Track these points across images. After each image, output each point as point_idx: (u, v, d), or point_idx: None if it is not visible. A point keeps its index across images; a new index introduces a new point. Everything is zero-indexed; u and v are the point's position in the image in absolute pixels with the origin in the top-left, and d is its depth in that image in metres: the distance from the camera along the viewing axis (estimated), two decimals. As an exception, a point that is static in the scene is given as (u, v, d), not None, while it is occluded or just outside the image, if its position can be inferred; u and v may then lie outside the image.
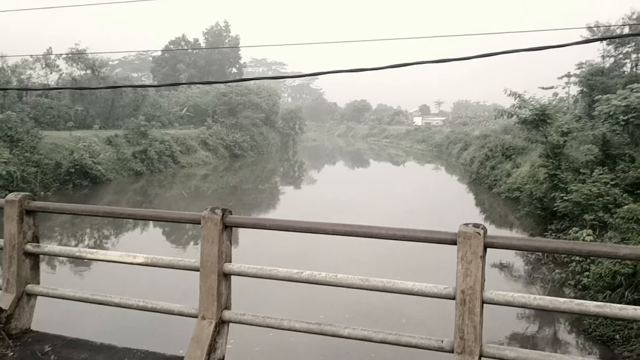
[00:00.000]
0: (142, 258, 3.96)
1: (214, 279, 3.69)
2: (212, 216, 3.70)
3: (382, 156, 77.29)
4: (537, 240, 3.25)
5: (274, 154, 70.50)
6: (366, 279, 3.44)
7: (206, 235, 3.71)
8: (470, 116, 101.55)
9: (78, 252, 4.27)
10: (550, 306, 3.07)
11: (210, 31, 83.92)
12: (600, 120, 23.09)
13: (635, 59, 34.42)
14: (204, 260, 3.71)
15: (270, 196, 39.37)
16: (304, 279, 3.58)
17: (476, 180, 37.66)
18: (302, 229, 3.63)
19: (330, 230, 3.56)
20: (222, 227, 3.69)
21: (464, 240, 3.17)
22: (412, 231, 3.36)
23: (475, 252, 3.15)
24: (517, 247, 3.20)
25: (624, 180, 17.85)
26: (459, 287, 3.20)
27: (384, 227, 3.42)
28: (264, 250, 16.82)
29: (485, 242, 3.15)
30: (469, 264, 3.16)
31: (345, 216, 26.04)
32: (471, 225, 3.19)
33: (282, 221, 3.76)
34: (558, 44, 7.04)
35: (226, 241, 3.75)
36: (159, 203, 33.47)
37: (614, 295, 11.71)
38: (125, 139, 43.10)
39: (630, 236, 12.96)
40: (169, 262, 3.94)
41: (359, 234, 3.45)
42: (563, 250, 2.99)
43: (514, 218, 25.81)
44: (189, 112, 64.74)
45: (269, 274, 3.67)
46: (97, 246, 22.11)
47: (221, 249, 3.70)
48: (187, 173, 46.28)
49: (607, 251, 2.99)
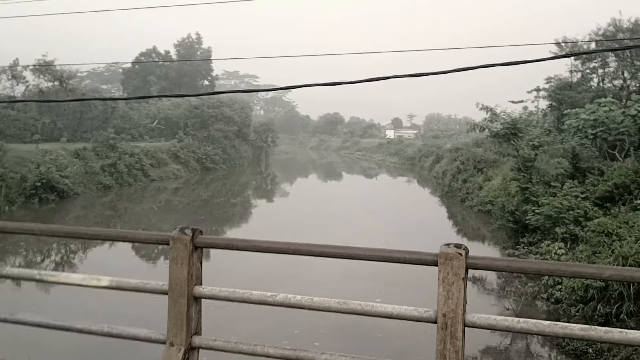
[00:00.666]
0: (106, 281, 3.74)
1: (183, 303, 3.49)
2: (182, 237, 3.51)
3: (355, 169, 77.50)
4: (520, 261, 3.14)
5: (246, 167, 70.09)
6: (344, 301, 3.29)
7: (175, 257, 3.51)
8: (442, 129, 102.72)
9: (38, 275, 4.03)
10: (535, 329, 2.96)
11: (181, 43, 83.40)
12: (569, 134, 23.49)
13: (602, 73, 35.19)
14: (173, 283, 3.52)
15: (243, 210, 39.04)
16: (278, 303, 3.41)
17: (448, 193, 37.90)
18: (276, 249, 3.47)
19: (305, 252, 3.40)
20: (192, 248, 3.51)
21: (445, 262, 3.05)
22: (391, 252, 3.23)
23: (457, 273, 3.03)
24: (499, 268, 3.08)
25: (594, 194, 18.10)
26: (440, 311, 3.07)
27: (361, 248, 3.28)
28: (237, 267, 16.56)
29: (467, 263, 3.04)
30: (451, 286, 3.03)
31: (317, 230, 25.89)
32: (452, 246, 3.07)
33: (255, 242, 3.59)
34: (532, 59, 7.04)
35: (196, 263, 3.57)
36: (128, 218, 32.88)
37: (586, 309, 11.76)
38: (94, 152, 42.33)
39: (601, 249, 13.08)
40: (135, 285, 3.73)
41: (335, 255, 3.31)
42: (547, 272, 2.89)
43: (487, 231, 25.97)
44: (160, 125, 63.99)
45: (242, 297, 3.49)
46: (65, 262, 21.52)
47: (191, 271, 3.51)
48: (158, 187, 45.64)
49: (592, 272, 2.90)
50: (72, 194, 35.82)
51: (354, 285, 15.91)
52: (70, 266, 20.87)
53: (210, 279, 3.81)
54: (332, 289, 15.46)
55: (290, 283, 15.25)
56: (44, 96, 47.82)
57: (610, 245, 12.73)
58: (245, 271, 16.21)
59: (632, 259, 11.31)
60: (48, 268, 19.82)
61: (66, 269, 19.95)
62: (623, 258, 11.44)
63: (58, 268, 19.95)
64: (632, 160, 20.04)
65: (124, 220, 32.35)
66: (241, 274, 16.08)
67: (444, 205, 36.55)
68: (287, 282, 15.32)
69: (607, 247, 12.83)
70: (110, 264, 18.54)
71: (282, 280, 15.62)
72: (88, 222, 30.40)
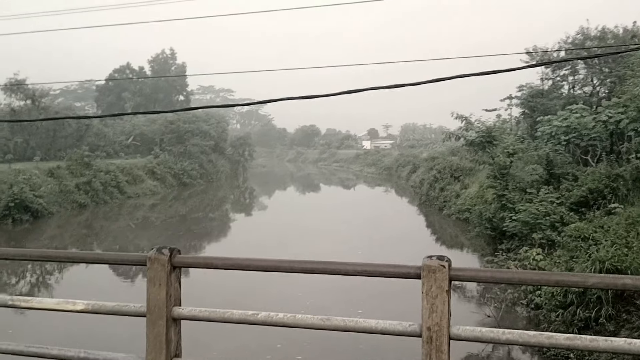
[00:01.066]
0: (82, 305, 3.63)
1: (162, 324, 3.40)
2: (159, 257, 3.43)
3: (333, 180, 77.59)
4: (504, 272, 3.12)
5: (224, 181, 69.72)
6: (326, 318, 3.23)
7: (152, 278, 3.43)
8: (418, 139, 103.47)
9: (11, 301, 3.90)
10: (520, 340, 2.94)
11: (155, 59, 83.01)
12: (543, 141, 23.80)
13: (572, 81, 35.80)
14: (151, 305, 3.43)
15: (221, 224, 38.77)
16: (260, 321, 3.34)
17: (426, 202, 38.09)
18: (257, 267, 3.41)
19: (287, 268, 3.35)
20: (170, 268, 3.43)
21: (428, 274, 3.02)
22: (374, 266, 3.19)
23: (441, 286, 3.00)
24: (483, 279, 3.06)
25: (569, 199, 18.32)
26: (425, 324, 3.03)
27: (343, 263, 3.24)
28: (217, 284, 16.37)
29: (451, 275, 3.01)
30: (435, 299, 3.00)
31: (297, 244, 25.80)
32: (435, 258, 3.04)
33: (235, 260, 3.52)
34: (505, 69, 7.11)
35: (175, 283, 3.48)
36: (105, 236, 32.41)
37: (566, 314, 11.84)
38: (68, 171, 41.73)
39: (578, 254, 13.21)
40: (112, 308, 3.63)
41: (317, 270, 3.26)
42: (531, 281, 2.88)
43: (465, 239, 26.12)
44: (136, 141, 63.45)
45: (222, 317, 3.41)
46: (41, 283, 21.02)
47: (169, 292, 3.43)
48: (135, 204, 45.11)
49: (576, 280, 2.90)
50: (47, 214, 35.22)
51: (335, 297, 15.85)
52: (46, 287, 20.40)
53: (189, 297, 3.74)
54: (313, 301, 15.39)
55: (271, 297, 15.12)
56: (16, 115, 47.13)
57: (587, 249, 12.86)
58: (225, 287, 16.03)
59: (608, 263, 11.43)
60: (23, 290, 19.36)
61: (42, 291, 19.51)
62: (600, 262, 11.55)
63: (33, 291, 19.48)
64: (604, 165, 20.36)
65: (101, 238, 31.88)
66: (221, 290, 15.90)
67: (422, 214, 36.71)
68: (268, 296, 15.19)
69: (584, 251, 12.96)
70: (89, 284, 18.20)
71: (264, 295, 15.47)
72: (64, 241, 29.89)
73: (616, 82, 26.96)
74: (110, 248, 28.74)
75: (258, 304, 15.44)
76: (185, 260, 3.50)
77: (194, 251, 28.08)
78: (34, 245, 27.98)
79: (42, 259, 3.35)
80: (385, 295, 15.10)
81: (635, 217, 13.63)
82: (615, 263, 11.37)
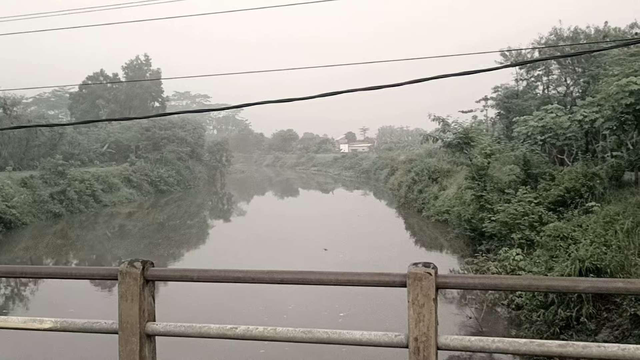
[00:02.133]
0: (50, 323, 3.43)
1: (135, 342, 3.22)
2: (131, 270, 3.24)
3: (311, 184, 77.45)
4: (492, 278, 3.01)
5: (202, 187, 69.14)
6: (308, 330, 3.09)
7: (124, 293, 3.24)
8: (395, 141, 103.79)
9: (-27, 320, 3.68)
10: (510, 349, 2.83)
11: (130, 65, 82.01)
12: (519, 141, 23.93)
13: (546, 81, 36.20)
14: (123, 321, 3.24)
15: (200, 231, 38.36)
16: (239, 336, 3.18)
17: (405, 205, 38.15)
18: (234, 278, 3.25)
19: (266, 279, 3.19)
20: (142, 282, 3.25)
21: (414, 282, 2.89)
22: (356, 274, 3.05)
23: (427, 294, 2.87)
24: (471, 286, 2.95)
25: (547, 199, 18.42)
26: (412, 334, 2.90)
27: (324, 272, 3.10)
28: (193, 295, 16.08)
29: (437, 282, 2.88)
30: (421, 308, 2.87)
31: (277, 248, 25.58)
32: (421, 265, 2.92)
33: (211, 271, 3.35)
34: (484, 69, 7.05)
35: (148, 297, 3.30)
36: (81, 245, 31.81)
37: (547, 313, 11.84)
38: (42, 180, 40.94)
39: (557, 253, 13.25)
40: (82, 325, 3.43)
41: (298, 281, 3.11)
42: (520, 287, 2.76)
43: (444, 240, 26.16)
44: (111, 149, 62.61)
45: (199, 332, 3.24)
46: (9, 298, 20.41)
47: (142, 307, 3.24)
48: (111, 212, 44.44)
49: (566, 285, 2.79)
50: (20, 224, 34.51)
51: (320, 303, 15.69)
52: (17, 300, 19.82)
53: (167, 311, 3.56)
54: (296, 307, 15.21)
55: (251, 307, 14.91)
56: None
57: (566, 249, 12.91)
58: (202, 299, 15.76)
59: (588, 262, 11.46)
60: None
61: (12, 308, 18.88)
62: (580, 261, 11.58)
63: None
64: (580, 164, 20.54)
65: (77, 248, 31.31)
66: (198, 302, 15.61)
67: (401, 217, 36.75)
68: (248, 307, 14.97)
69: (563, 251, 13.01)
70: (63, 298, 17.75)
71: (244, 306, 15.23)
72: (38, 252, 29.27)
73: (590, 81, 27.29)
74: (87, 258, 28.22)
75: (242, 309, 15.23)
76: (158, 273, 3.32)
77: (173, 259, 27.71)
78: (6, 257, 27.32)
79: (7, 275, 3.14)
80: (370, 298, 14.99)
81: (613, 215, 13.72)
82: (594, 262, 11.41)
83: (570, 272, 11.49)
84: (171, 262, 26.95)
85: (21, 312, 17.73)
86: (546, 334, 11.44)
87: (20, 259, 27.10)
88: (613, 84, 16.65)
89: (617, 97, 16.33)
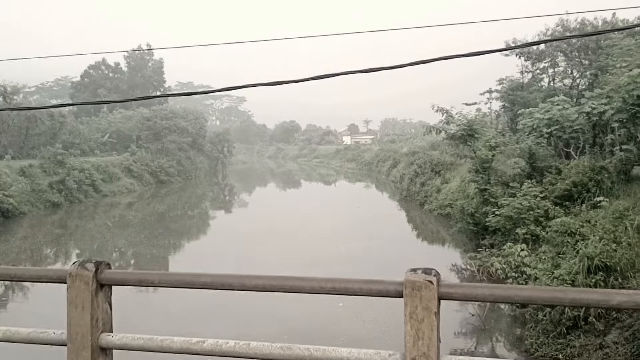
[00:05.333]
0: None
1: (86, 356, 2.76)
2: (82, 272, 2.77)
3: (313, 176, 76.96)
4: (505, 288, 2.51)
5: (203, 178, 68.73)
6: (287, 346, 2.62)
7: (74, 299, 2.77)
8: (398, 134, 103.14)
9: None
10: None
11: (131, 54, 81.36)
12: (524, 134, 23.39)
13: (552, 73, 35.55)
14: (72, 331, 2.78)
15: (200, 222, 37.99)
16: (206, 351, 2.72)
17: (407, 197, 37.64)
18: (201, 284, 2.78)
19: (237, 285, 2.72)
20: (96, 287, 2.78)
21: (412, 292, 2.41)
22: (345, 281, 2.57)
23: (428, 307, 2.39)
24: (480, 297, 2.46)
25: (553, 193, 17.90)
26: (409, 354, 2.43)
27: (307, 278, 2.62)
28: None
29: (440, 293, 2.40)
30: (420, 324, 2.40)
31: (277, 240, 25.18)
32: (420, 272, 2.43)
33: (176, 275, 2.88)
34: (491, 50, 6.59)
35: (103, 304, 2.83)
36: (81, 235, 31.46)
37: (553, 312, 11.37)
38: (41, 169, 40.57)
39: (565, 250, 12.76)
40: (27, 335, 2.97)
41: (274, 288, 2.64)
42: (540, 300, 2.29)
43: (447, 234, 25.69)
44: (112, 139, 62.20)
45: (161, 346, 2.77)
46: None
47: (95, 316, 2.78)
48: (110, 202, 44.06)
49: (597, 299, 2.31)
50: (18, 214, 34.17)
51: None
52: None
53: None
54: (295, 295, 14.73)
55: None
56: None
57: (574, 245, 12.41)
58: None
59: (597, 259, 10.98)
60: None
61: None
62: (589, 258, 11.10)
63: None
64: (588, 158, 20.00)
65: (76, 238, 30.98)
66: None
67: (403, 210, 36.25)
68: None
69: (571, 247, 12.51)
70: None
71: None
72: (37, 241, 28.92)
73: (597, 74, 26.67)
74: (87, 248, 27.95)
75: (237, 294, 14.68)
76: (114, 276, 2.84)
77: (173, 249, 27.38)
78: (3, 246, 26.98)
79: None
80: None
81: (622, 211, 13.21)
82: (604, 259, 10.92)
83: (579, 269, 11.02)
84: (171, 252, 26.64)
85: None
86: (552, 334, 10.98)
87: (17, 249, 26.76)
88: (624, 75, 16.08)
89: (627, 88, 15.77)
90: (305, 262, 20.55)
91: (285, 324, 13.56)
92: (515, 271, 14.34)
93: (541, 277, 12.40)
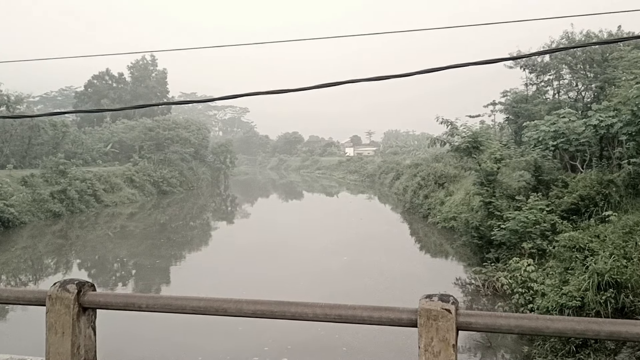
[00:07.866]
0: (-36, 358, 2.73)
1: (66, 387, 2.51)
2: (62, 295, 2.53)
3: (316, 187, 76.72)
4: (532, 319, 2.25)
5: (205, 189, 68.54)
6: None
7: (53, 324, 2.52)
8: (401, 145, 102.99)
9: None
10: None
11: (135, 65, 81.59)
12: (530, 146, 23.12)
13: (557, 86, 35.33)
14: (52, 359, 2.53)
15: (202, 233, 37.71)
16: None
17: (410, 210, 37.33)
18: (192, 309, 2.54)
19: (234, 311, 2.47)
20: (78, 310, 2.53)
21: (427, 322, 2.16)
22: (353, 308, 2.32)
23: (445, 338, 2.14)
24: (504, 328, 2.20)
25: (559, 206, 17.60)
26: (424, 391, 2.17)
27: (311, 304, 2.37)
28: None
29: (459, 322, 2.15)
30: (437, 357, 2.14)
31: (279, 253, 24.93)
32: (437, 299, 2.18)
33: (165, 299, 2.64)
34: (497, 59, 6.35)
35: (86, 329, 2.58)
36: (82, 245, 31.18)
37: (562, 330, 11.04)
38: (43, 179, 40.39)
39: (574, 265, 12.45)
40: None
41: (276, 315, 2.39)
42: (572, 332, 2.03)
43: (450, 248, 25.39)
44: (114, 149, 62.13)
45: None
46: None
47: (77, 343, 2.53)
48: (112, 212, 43.82)
49: (638, 332, 2.07)
50: (19, 223, 33.95)
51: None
52: None
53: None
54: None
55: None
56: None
57: (583, 260, 12.10)
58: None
59: (608, 276, 10.68)
60: None
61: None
62: (599, 275, 10.79)
63: None
64: (595, 171, 19.70)
65: (77, 248, 30.70)
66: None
67: (406, 222, 35.94)
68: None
69: (580, 263, 12.20)
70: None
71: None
72: (38, 252, 28.67)
73: (603, 86, 26.43)
74: (88, 259, 27.66)
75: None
76: (98, 299, 2.60)
77: (175, 260, 27.09)
78: (3, 256, 26.75)
79: None
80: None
81: (632, 226, 12.90)
82: (614, 275, 10.62)
83: (588, 286, 10.72)
84: (173, 263, 26.37)
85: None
86: (561, 352, 10.66)
87: (18, 259, 26.52)
88: (633, 87, 15.83)
89: (637, 100, 15.51)
90: (305, 273, 20.29)
91: (287, 337, 13.25)
92: (521, 286, 14.03)
93: (549, 294, 12.08)
